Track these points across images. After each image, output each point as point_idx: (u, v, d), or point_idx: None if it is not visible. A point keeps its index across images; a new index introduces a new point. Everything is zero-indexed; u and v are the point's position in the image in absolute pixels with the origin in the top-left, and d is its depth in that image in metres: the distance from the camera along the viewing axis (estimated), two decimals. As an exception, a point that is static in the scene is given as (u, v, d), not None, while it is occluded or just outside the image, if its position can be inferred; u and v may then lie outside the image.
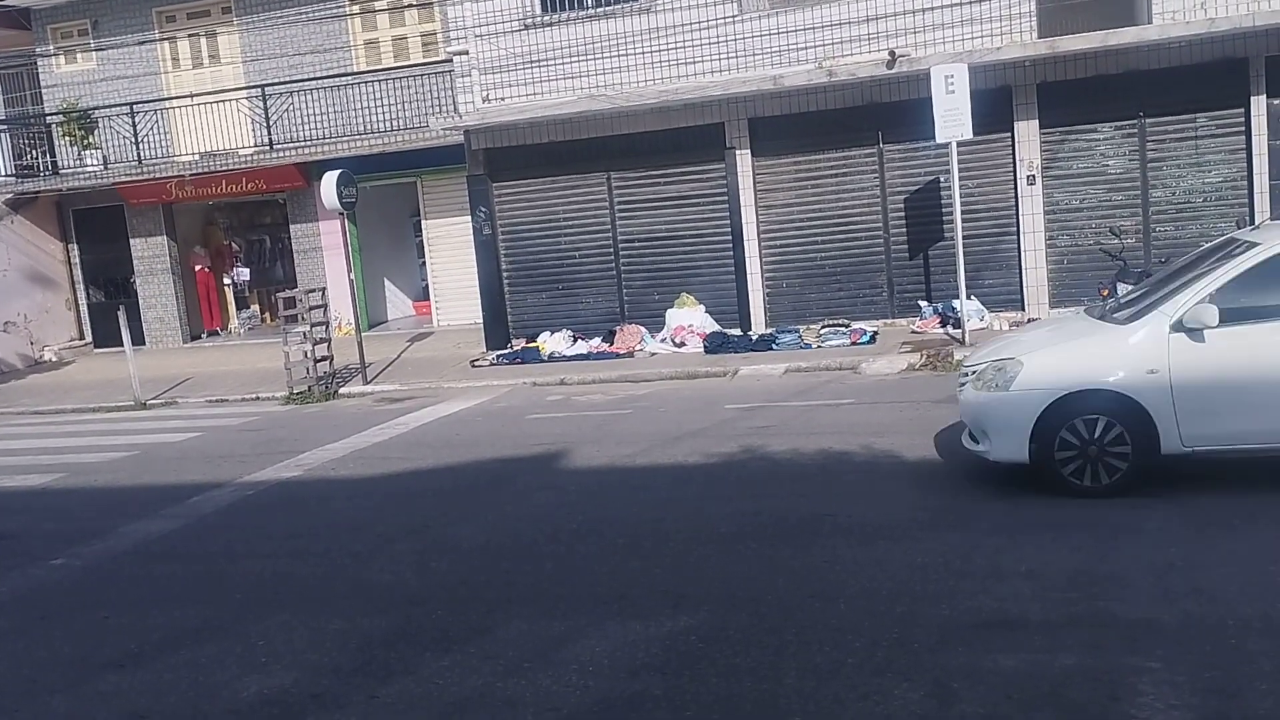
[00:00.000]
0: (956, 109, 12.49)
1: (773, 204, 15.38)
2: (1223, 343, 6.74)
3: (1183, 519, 6.45)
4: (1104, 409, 6.92)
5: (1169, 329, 6.83)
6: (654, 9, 14.97)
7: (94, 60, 20.31)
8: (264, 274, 22.06)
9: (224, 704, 5.10)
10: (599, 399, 12.56)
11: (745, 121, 15.12)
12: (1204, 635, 4.82)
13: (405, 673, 5.22)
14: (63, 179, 20.25)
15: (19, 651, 6.11)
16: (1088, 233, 14.17)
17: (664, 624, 5.50)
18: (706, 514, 7.45)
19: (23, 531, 8.95)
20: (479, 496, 8.55)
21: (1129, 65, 13.60)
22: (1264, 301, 6.75)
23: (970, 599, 5.46)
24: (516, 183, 16.33)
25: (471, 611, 5.98)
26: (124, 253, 20.82)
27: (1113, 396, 6.91)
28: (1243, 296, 6.77)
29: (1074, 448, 6.97)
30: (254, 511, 8.85)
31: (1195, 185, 13.86)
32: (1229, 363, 6.76)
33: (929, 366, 12.28)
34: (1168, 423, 6.82)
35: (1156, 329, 6.90)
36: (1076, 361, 7.20)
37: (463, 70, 15.84)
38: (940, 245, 14.57)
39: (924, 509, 7.08)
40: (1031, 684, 4.51)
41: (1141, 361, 6.87)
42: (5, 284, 19.96)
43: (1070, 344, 7.50)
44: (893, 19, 14.11)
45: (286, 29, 19.07)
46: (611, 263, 16.15)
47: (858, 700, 4.51)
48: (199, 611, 6.44)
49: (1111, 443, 6.92)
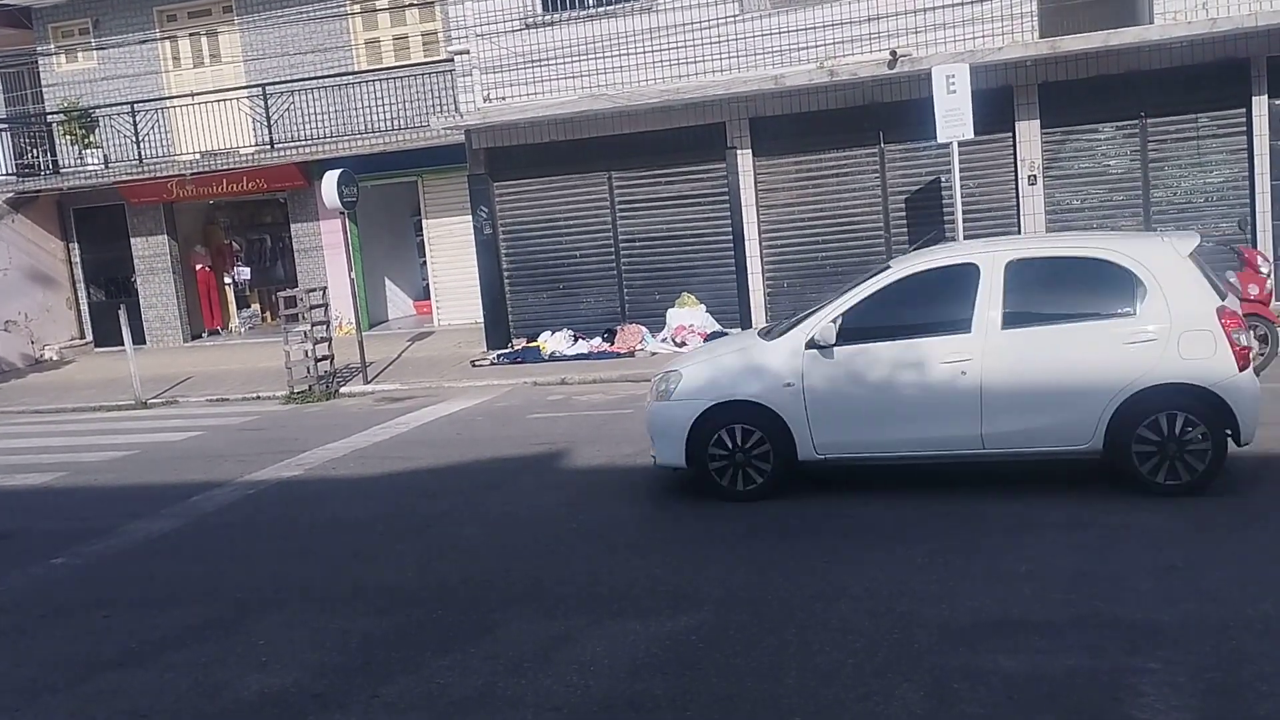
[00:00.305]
0: (958, 109, 12.48)
1: (774, 204, 15.38)
2: (848, 359, 7.38)
3: (1184, 520, 6.44)
4: (748, 419, 7.54)
5: (804, 346, 7.47)
6: (655, 8, 14.97)
7: (95, 59, 20.32)
8: (265, 273, 22.07)
9: (225, 703, 5.10)
10: (600, 399, 12.56)
11: (746, 121, 15.12)
12: (1205, 636, 4.82)
13: (406, 672, 5.22)
14: (63, 178, 20.26)
15: (20, 650, 6.11)
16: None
17: (665, 624, 5.50)
18: (706, 513, 7.45)
19: (23, 530, 8.95)
20: (480, 496, 8.55)
21: (1130, 65, 13.60)
22: (883, 323, 7.38)
23: (971, 599, 5.46)
24: (517, 182, 16.33)
25: (473, 611, 5.98)
26: (125, 252, 20.83)
27: (755, 407, 7.52)
28: (867, 317, 7.40)
29: (723, 453, 7.60)
30: (255, 511, 8.85)
31: (1196, 185, 13.87)
32: (852, 378, 7.38)
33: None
34: (803, 432, 7.44)
35: (794, 346, 7.54)
36: (727, 374, 7.76)
37: (464, 69, 15.84)
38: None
39: (924, 508, 7.07)
40: (1032, 685, 4.51)
41: (780, 375, 7.49)
42: (6, 283, 19.96)
43: (725, 358, 8.02)
44: (894, 19, 14.11)
45: (287, 28, 19.08)
46: (612, 262, 16.15)
47: (858, 700, 4.51)
48: (200, 611, 6.44)
49: (755, 450, 7.55)
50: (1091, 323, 7.02)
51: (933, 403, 7.20)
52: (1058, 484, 7.35)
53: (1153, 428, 6.87)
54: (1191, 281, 6.96)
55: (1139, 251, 7.11)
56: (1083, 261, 7.27)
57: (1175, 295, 6.90)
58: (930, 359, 7.20)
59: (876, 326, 7.37)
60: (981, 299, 7.16)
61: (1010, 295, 7.14)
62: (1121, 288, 7.00)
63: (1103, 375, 6.90)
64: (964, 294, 7.22)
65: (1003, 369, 7.07)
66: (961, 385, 7.12)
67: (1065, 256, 7.46)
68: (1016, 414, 7.08)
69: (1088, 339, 6.98)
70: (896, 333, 7.34)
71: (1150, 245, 7.27)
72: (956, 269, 7.39)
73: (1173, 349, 6.82)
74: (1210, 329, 6.83)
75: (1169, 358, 6.81)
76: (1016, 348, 7.07)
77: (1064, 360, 7.00)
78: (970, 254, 7.48)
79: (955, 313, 7.22)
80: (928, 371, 7.20)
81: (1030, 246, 7.72)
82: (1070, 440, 7.07)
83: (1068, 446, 7.11)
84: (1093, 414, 6.93)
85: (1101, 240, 7.72)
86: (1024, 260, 7.28)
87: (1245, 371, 6.86)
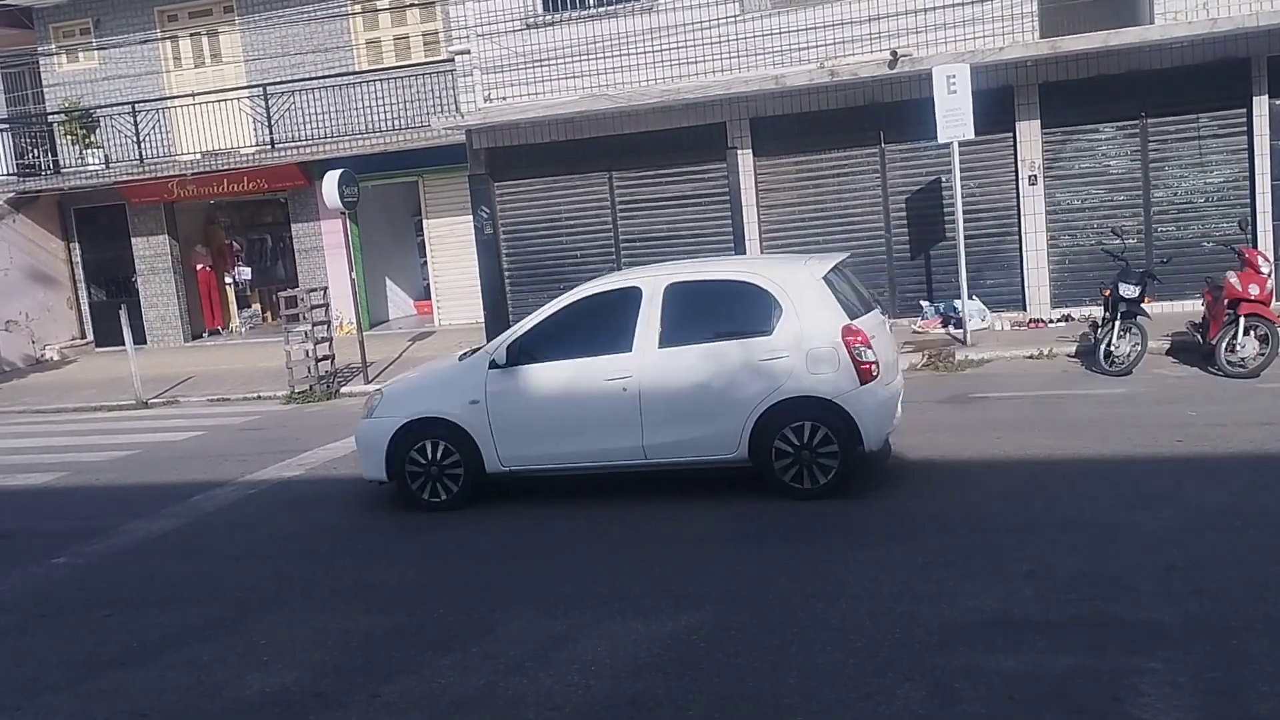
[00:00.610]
0: (958, 109, 12.48)
1: (774, 204, 15.38)
2: (525, 378, 7.89)
3: (1184, 520, 6.44)
4: (440, 434, 8.03)
5: (488, 366, 7.97)
6: (656, 8, 14.97)
7: (96, 59, 20.32)
8: (265, 273, 22.06)
9: (226, 703, 5.11)
10: (600, 398, 12.53)
11: (747, 121, 15.11)
12: (1206, 636, 4.82)
13: (407, 672, 5.22)
14: (64, 178, 20.26)
15: (21, 650, 6.12)
16: (1089, 233, 14.16)
17: (666, 623, 5.50)
18: (707, 513, 7.45)
19: (24, 530, 8.96)
20: (480, 495, 8.54)
21: (1131, 65, 13.59)
22: (559, 343, 7.91)
23: (972, 599, 5.46)
24: (518, 182, 16.33)
25: (473, 610, 5.99)
26: (125, 252, 20.83)
27: (446, 424, 8.01)
28: (545, 338, 7.94)
29: (419, 467, 8.10)
30: (256, 510, 8.86)
31: (1197, 185, 13.85)
32: (529, 396, 7.87)
33: (930, 367, 12.28)
34: (488, 446, 7.94)
35: (480, 365, 8.04)
36: (423, 393, 8.34)
37: (464, 70, 15.84)
38: (942, 245, 14.56)
39: (925, 510, 7.07)
40: (1033, 684, 4.51)
41: (467, 393, 7.98)
42: (7, 283, 19.96)
43: (425, 378, 8.66)
44: (895, 19, 14.10)
45: (288, 28, 19.08)
46: (613, 262, 16.13)
47: (859, 700, 4.51)
48: (201, 610, 6.44)
49: (448, 463, 8.06)
50: (735, 341, 7.56)
51: (599, 417, 7.72)
52: (1057, 485, 7.35)
53: (788, 437, 7.43)
54: (822, 303, 7.51)
55: (778, 275, 7.69)
56: (730, 285, 7.83)
57: (806, 316, 7.45)
58: (597, 376, 7.72)
59: (552, 347, 7.91)
60: (642, 320, 7.72)
61: (667, 316, 7.70)
62: (761, 309, 7.56)
63: (743, 390, 7.46)
64: (628, 316, 7.77)
65: (659, 385, 7.61)
66: (623, 401, 7.64)
67: (716, 280, 7.98)
68: (672, 426, 7.62)
69: (730, 356, 7.53)
70: (570, 352, 7.86)
71: (789, 269, 7.85)
72: (623, 292, 7.95)
73: (802, 365, 7.38)
74: (835, 346, 7.36)
75: (799, 373, 7.39)
76: (671, 365, 7.61)
77: (711, 376, 7.55)
78: (635, 279, 8.08)
79: (620, 333, 7.76)
80: (594, 388, 7.71)
81: (688, 271, 8.20)
82: (719, 450, 7.61)
83: (718, 455, 7.65)
84: (736, 425, 7.48)
85: (749, 265, 8.49)
86: (681, 284, 7.85)
87: (867, 384, 7.38)
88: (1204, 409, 9.08)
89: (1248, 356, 10.11)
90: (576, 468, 7.97)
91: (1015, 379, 11.16)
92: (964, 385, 11.10)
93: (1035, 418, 9.34)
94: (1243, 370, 10.08)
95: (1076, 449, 8.12)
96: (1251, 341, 10.12)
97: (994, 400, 10.27)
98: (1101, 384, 10.46)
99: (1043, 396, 10.19)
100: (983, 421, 9.37)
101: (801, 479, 7.47)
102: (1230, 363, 10.16)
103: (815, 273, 7.66)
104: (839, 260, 8.17)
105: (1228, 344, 10.19)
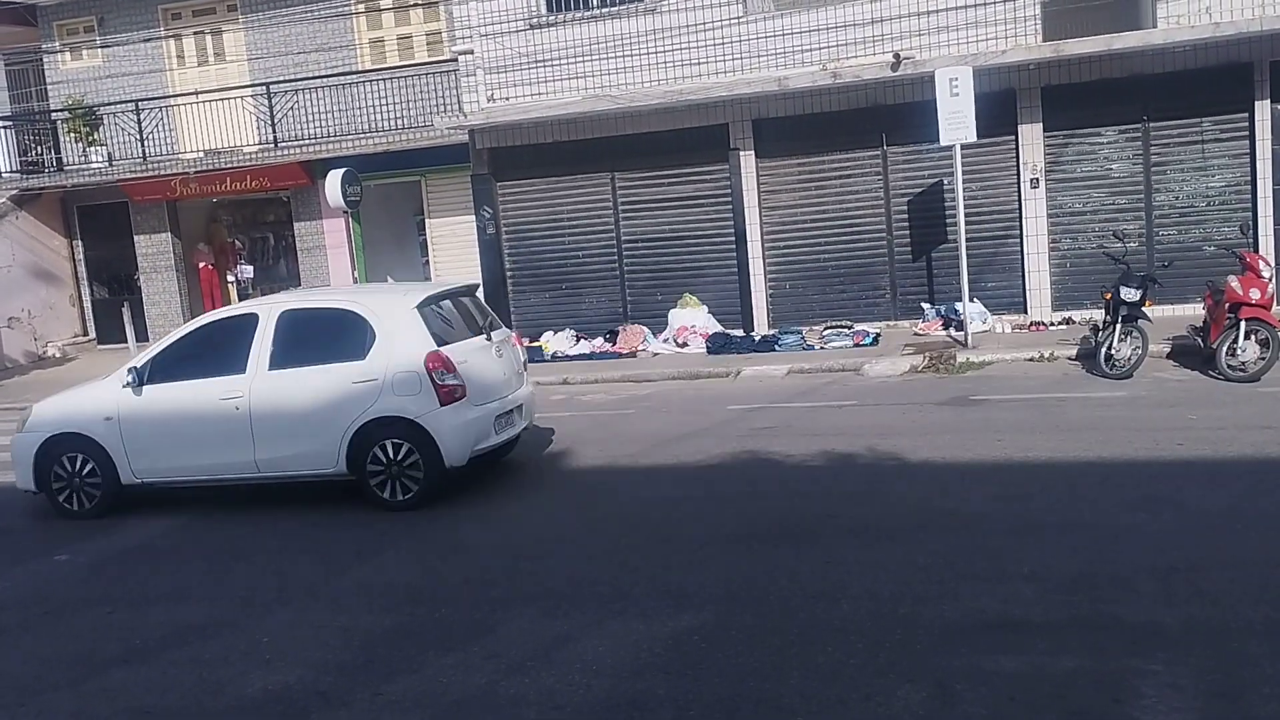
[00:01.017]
0: (961, 111, 12.48)
1: (776, 205, 15.39)
2: (151, 397, 8.56)
3: (1185, 523, 6.45)
4: (80, 448, 8.74)
5: (122, 385, 8.65)
6: (659, 9, 14.98)
7: (100, 57, 20.32)
8: (268, 271, 22.03)
9: (228, 700, 5.12)
10: (602, 398, 12.58)
11: (749, 123, 15.13)
12: (1206, 638, 4.83)
13: (409, 670, 5.23)
14: (67, 175, 20.26)
15: (23, 647, 6.14)
16: (1091, 236, 14.17)
17: (667, 624, 5.51)
18: (708, 514, 7.46)
19: (26, 526, 8.98)
20: (481, 494, 8.56)
21: (1133, 69, 13.60)
22: (186, 364, 8.58)
23: (973, 600, 5.47)
24: (520, 182, 16.35)
25: (475, 610, 6.00)
26: (128, 249, 20.82)
27: (84, 438, 8.71)
28: (174, 360, 8.61)
29: (64, 478, 8.81)
30: (256, 508, 8.87)
31: (1199, 189, 13.86)
32: (154, 413, 8.54)
33: (932, 369, 12.28)
34: (122, 460, 8.66)
35: (116, 384, 8.73)
36: (68, 409, 8.95)
37: (468, 69, 15.86)
38: (943, 247, 14.57)
39: (926, 510, 7.08)
40: (1034, 686, 4.52)
41: (104, 409, 8.68)
42: (9, 280, 19.97)
43: (74, 393, 9.23)
44: (898, 21, 14.11)
45: (291, 27, 19.09)
46: (615, 263, 16.16)
47: (860, 701, 4.52)
48: (203, 608, 6.46)
49: (87, 474, 8.75)
50: (334, 365, 8.24)
51: (216, 434, 8.37)
52: (1058, 487, 7.36)
53: (379, 454, 8.15)
54: (412, 331, 8.22)
55: (376, 304, 8.44)
56: (335, 313, 8.60)
57: (397, 342, 8.17)
58: (213, 396, 8.38)
59: (178, 368, 8.57)
60: (256, 344, 8.40)
61: (279, 341, 8.37)
62: (359, 336, 8.26)
63: (339, 410, 8.15)
64: (244, 340, 8.45)
65: (267, 405, 8.28)
66: (236, 419, 8.31)
67: (323, 308, 8.82)
68: (279, 443, 8.29)
69: (330, 379, 8.21)
70: (192, 374, 8.52)
71: (388, 299, 8.66)
72: (242, 318, 8.70)
73: (389, 387, 8.10)
74: (418, 370, 8.06)
75: (387, 395, 8.10)
76: (278, 386, 8.29)
77: (312, 397, 8.22)
78: (254, 306, 8.88)
79: (236, 356, 8.42)
80: (211, 407, 8.37)
81: (301, 300, 9.08)
82: (321, 464, 8.31)
83: (321, 470, 8.35)
84: (334, 442, 8.17)
85: (354, 295, 9.17)
86: (293, 311, 8.58)
87: (447, 405, 8.09)
88: (1205, 413, 9.09)
89: (1248, 360, 10.12)
90: (201, 481, 8.70)
91: (1016, 381, 11.17)
92: (965, 387, 11.11)
93: (1036, 420, 9.35)
94: (1243, 374, 10.09)
95: (1077, 451, 8.13)
96: (1252, 345, 10.13)
97: (995, 402, 10.28)
98: (1102, 387, 10.47)
99: (1043, 399, 10.20)
100: (983, 423, 9.38)
101: (394, 492, 8.18)
102: (1231, 366, 10.17)
103: (410, 302, 8.38)
104: (449, 289, 9.04)
105: (1228, 348, 10.20)
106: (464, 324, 8.81)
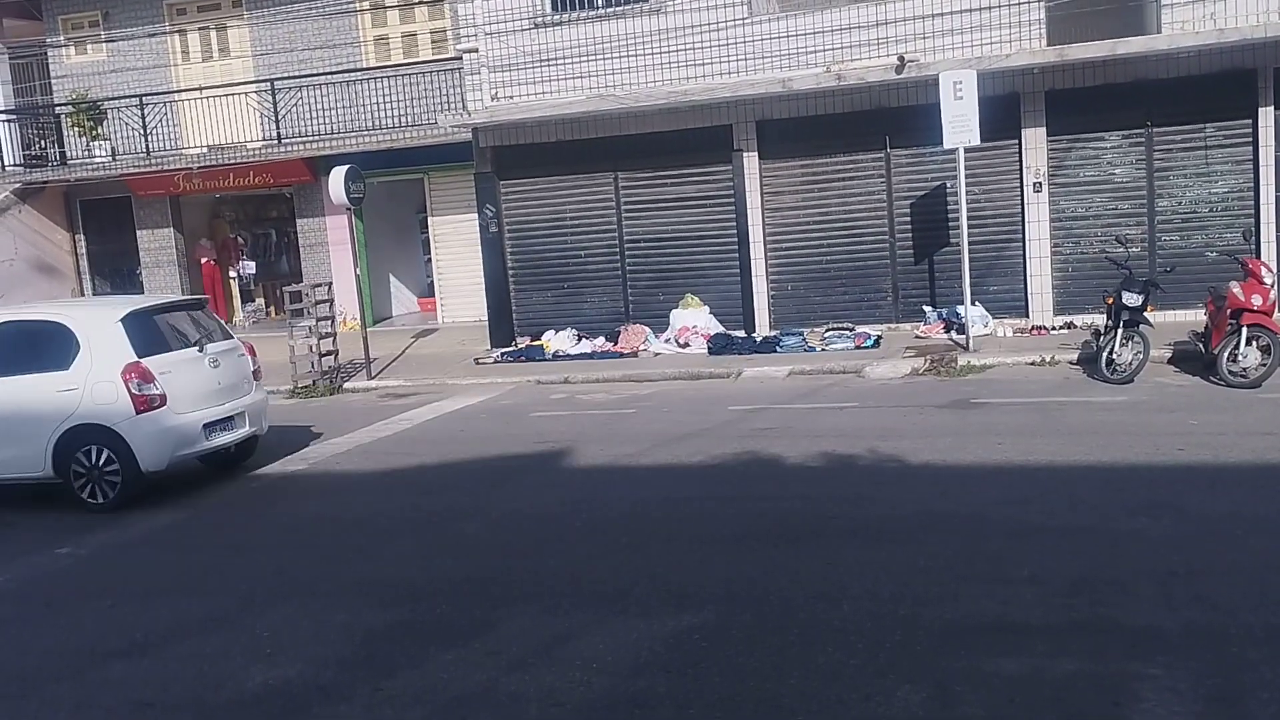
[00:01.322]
0: (964, 115, 12.48)
1: (779, 206, 15.40)
2: None
3: (1185, 528, 6.46)
4: None
5: None
6: (664, 10, 14.99)
7: (104, 51, 20.34)
8: (270, 268, 22.08)
9: (229, 694, 5.13)
10: (603, 398, 12.58)
11: (753, 124, 15.13)
12: (1206, 643, 4.84)
13: (410, 666, 5.24)
14: (71, 169, 20.29)
15: (24, 639, 6.15)
16: (1093, 241, 14.16)
17: (667, 622, 5.52)
18: (709, 514, 7.47)
19: (27, 520, 8.99)
20: (482, 493, 8.57)
21: (1137, 74, 13.61)
22: None
23: (973, 602, 5.48)
24: (524, 181, 16.35)
25: (476, 607, 6.01)
26: (130, 244, 20.86)
27: None
28: None
29: None
30: (259, 503, 8.89)
31: (1202, 195, 13.86)
32: None
33: (933, 371, 12.29)
34: None
35: None
36: None
37: (472, 68, 15.86)
38: (946, 250, 14.57)
39: (926, 512, 7.09)
40: (1034, 688, 4.53)
41: None
42: (12, 273, 19.99)
43: None
44: (902, 24, 14.11)
45: (296, 24, 19.11)
46: (617, 262, 16.16)
47: (860, 701, 4.53)
48: (204, 602, 6.47)
49: None
50: (40, 374, 8.79)
51: None
52: (1058, 491, 7.37)
53: (82, 458, 8.72)
54: (114, 342, 8.75)
55: (83, 317, 9.06)
56: (44, 325, 9.11)
57: (98, 353, 8.72)
58: None
59: None
60: None
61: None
62: (64, 346, 8.80)
63: (43, 417, 8.70)
64: None
65: None
66: None
67: (34, 320, 9.30)
68: None
69: (36, 387, 8.77)
70: None
71: (94, 312, 9.43)
72: None
73: (89, 396, 8.67)
74: (115, 381, 8.63)
75: (87, 403, 8.67)
76: None
77: (19, 405, 8.75)
78: None
79: None
80: None
81: (14, 313, 9.59)
82: (30, 469, 8.89)
83: (30, 474, 8.93)
84: (40, 448, 8.75)
85: (63, 308, 9.91)
86: (5, 323, 9.13)
87: (144, 413, 8.68)
88: (1205, 418, 9.10)
89: (1250, 366, 10.13)
90: None
91: (1017, 385, 11.18)
92: (966, 390, 11.12)
93: (1037, 424, 9.36)
94: (1244, 380, 10.10)
95: (1078, 455, 8.14)
96: (1254, 352, 10.14)
97: (996, 406, 10.29)
98: (1103, 391, 10.48)
99: (1044, 403, 10.21)
100: (984, 427, 9.39)
101: (96, 495, 8.74)
102: (1232, 372, 10.18)
103: (115, 315, 8.92)
104: (167, 303, 9.66)
105: (1230, 354, 10.20)
106: (177, 336, 9.29)
